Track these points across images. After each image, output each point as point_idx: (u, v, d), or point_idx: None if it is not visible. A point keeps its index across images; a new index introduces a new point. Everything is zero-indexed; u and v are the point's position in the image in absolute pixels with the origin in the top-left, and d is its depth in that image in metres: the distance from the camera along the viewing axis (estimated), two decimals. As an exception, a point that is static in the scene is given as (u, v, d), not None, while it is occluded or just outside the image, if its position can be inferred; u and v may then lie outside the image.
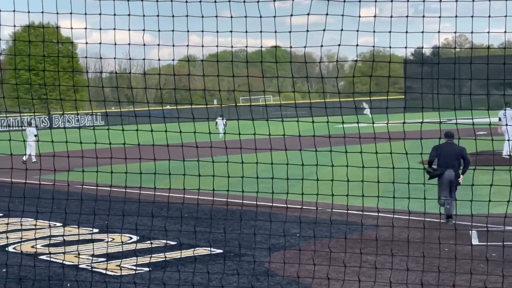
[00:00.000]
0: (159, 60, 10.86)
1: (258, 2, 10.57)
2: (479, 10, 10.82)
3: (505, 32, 11.10)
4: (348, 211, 14.79)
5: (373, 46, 10.79)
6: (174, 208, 17.96)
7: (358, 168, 11.23)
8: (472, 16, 10.65)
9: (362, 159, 10.91)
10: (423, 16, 10.72)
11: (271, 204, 12.34)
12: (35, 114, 70.96)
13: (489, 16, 10.56)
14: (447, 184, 17.74)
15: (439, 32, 10.83)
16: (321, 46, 10.46)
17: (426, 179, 15.92)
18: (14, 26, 10.35)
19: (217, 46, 10.67)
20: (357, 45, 10.64)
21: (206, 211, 18.10)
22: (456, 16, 10.62)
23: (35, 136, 36.63)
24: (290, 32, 10.55)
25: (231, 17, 10.67)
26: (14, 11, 11.22)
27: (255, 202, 11.73)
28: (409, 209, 11.22)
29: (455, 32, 10.64)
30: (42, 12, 11.04)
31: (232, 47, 10.52)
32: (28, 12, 10.92)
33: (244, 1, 10.63)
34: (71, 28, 11.04)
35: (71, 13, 11.04)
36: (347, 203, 13.14)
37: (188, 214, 19.13)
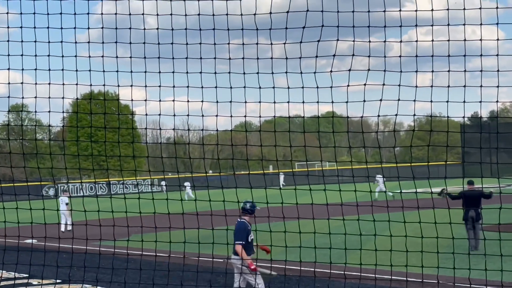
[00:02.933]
0: (217, 130, 11.02)
1: (315, 73, 10.73)
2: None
3: None
4: (408, 279, 14.61)
5: (431, 116, 10.80)
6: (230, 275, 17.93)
7: (417, 234, 11.14)
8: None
9: (420, 227, 10.85)
10: (481, 86, 10.71)
11: (329, 270, 12.27)
12: (96, 180, 72.02)
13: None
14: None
15: (497, 101, 10.82)
16: (378, 116, 10.51)
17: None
18: (77, 98, 10.64)
19: (274, 116, 10.81)
20: (414, 114, 10.68)
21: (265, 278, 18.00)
22: (513, 84, 10.59)
23: (66, 204, 36.55)
24: (347, 102, 10.64)
25: (288, 87, 10.84)
26: (76, 84, 11.58)
27: (313, 269, 11.67)
28: (469, 279, 11.05)
29: (513, 100, 10.57)
30: (104, 85, 11.36)
31: (289, 117, 10.65)
32: (90, 85, 11.27)
33: (301, 72, 10.79)
34: (131, 100, 11.32)
35: (131, 86, 11.33)
36: (406, 270, 13.00)
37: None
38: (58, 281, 18.66)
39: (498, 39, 11.05)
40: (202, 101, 11.51)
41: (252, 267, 13.09)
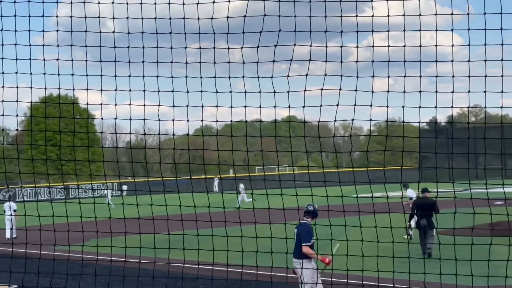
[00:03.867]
0: (173, 135, 10.96)
1: (272, 77, 10.72)
2: (493, 81, 10.95)
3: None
4: (364, 282, 14.66)
5: (387, 121, 10.87)
6: (189, 280, 17.86)
7: (373, 238, 11.19)
8: (485, 91, 10.75)
9: (376, 231, 10.88)
10: (436, 92, 10.81)
11: (286, 274, 12.25)
12: (51, 185, 71.21)
13: (502, 92, 10.66)
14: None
15: (452, 106, 10.92)
16: (335, 120, 10.56)
17: None
18: (31, 102, 10.52)
19: (231, 121, 10.78)
20: (370, 119, 10.73)
21: (222, 282, 17.97)
22: (468, 92, 10.71)
23: (14, 211, 36.02)
24: (303, 107, 10.66)
25: (245, 92, 10.83)
26: (31, 87, 11.44)
27: (270, 273, 11.65)
28: (424, 283, 11.11)
29: (468, 107, 10.71)
30: (59, 88, 11.24)
31: (246, 122, 10.63)
32: (45, 88, 11.14)
33: (258, 77, 10.79)
34: (87, 104, 11.22)
35: (87, 89, 11.22)
36: (362, 274, 13.04)
37: (203, 286, 19.00)
38: (14, 286, 18.40)
39: (453, 45, 11.17)
40: (159, 105, 11.44)
41: (327, 261, 13.28)
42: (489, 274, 11.62)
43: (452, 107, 11.11)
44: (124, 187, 66.15)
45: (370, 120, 11.00)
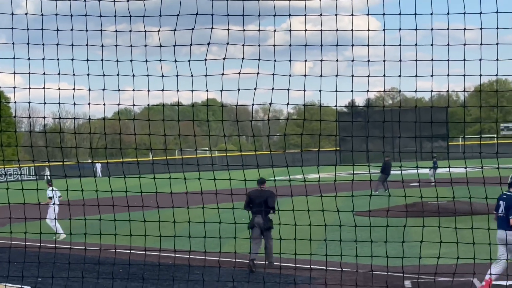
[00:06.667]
0: (89, 119, 10.81)
1: (189, 61, 10.66)
2: (408, 65, 11.15)
3: (431, 91, 11.42)
4: (281, 264, 14.81)
5: (304, 105, 10.95)
6: (107, 265, 17.71)
7: (292, 219, 11.28)
8: (399, 75, 10.93)
9: (294, 214, 10.98)
10: (352, 76, 10.95)
11: (204, 257, 12.25)
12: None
13: (416, 76, 10.86)
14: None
15: (368, 90, 11.08)
16: (253, 104, 10.58)
17: None
18: None
19: (148, 105, 10.70)
20: (288, 103, 10.79)
21: (140, 266, 17.87)
22: (384, 75, 10.87)
23: None
24: (221, 90, 10.65)
25: (162, 76, 10.75)
26: None
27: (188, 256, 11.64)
28: (341, 264, 11.29)
29: (384, 91, 10.87)
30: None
31: (163, 105, 10.56)
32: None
33: (176, 60, 10.72)
34: (-1, 86, 10.95)
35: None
36: (280, 257, 13.17)
37: (123, 270, 18.86)
38: None
39: (369, 30, 11.30)
40: (74, 89, 11.26)
41: None
42: (404, 254, 11.87)
43: (368, 90, 11.27)
44: (47, 172, 65.33)
45: (288, 104, 11.06)
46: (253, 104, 10.88)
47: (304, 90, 10.95)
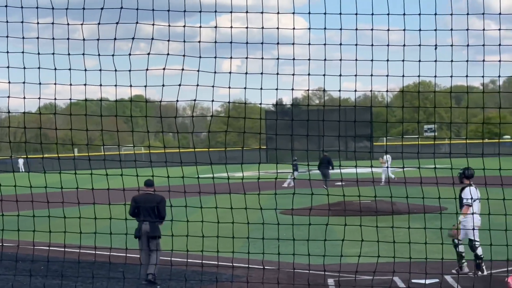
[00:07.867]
0: (8, 112, 10.59)
1: (113, 55, 10.54)
2: (334, 65, 11.26)
3: (355, 90, 11.54)
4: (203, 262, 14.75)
5: (229, 102, 10.95)
6: (27, 262, 17.36)
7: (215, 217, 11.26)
8: (324, 75, 11.02)
9: (216, 212, 10.96)
10: (277, 74, 10.99)
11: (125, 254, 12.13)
12: None
13: (340, 75, 10.96)
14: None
15: (292, 89, 11.14)
16: (177, 101, 10.54)
17: None
18: None
19: (70, 99, 10.55)
20: (212, 100, 10.77)
21: (59, 264, 17.57)
22: (308, 74, 10.95)
23: None
24: (145, 86, 10.57)
25: (85, 70, 10.62)
26: None
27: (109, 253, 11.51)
28: (263, 262, 11.30)
29: (308, 90, 10.96)
30: None
31: (85, 100, 10.42)
32: None
33: (99, 55, 10.59)
34: None
35: None
36: (202, 254, 13.11)
37: (44, 267, 18.52)
38: None
39: (294, 28, 11.35)
40: (9, 83, 11.13)
41: None
42: (326, 253, 11.95)
43: (292, 89, 11.34)
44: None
45: (212, 101, 11.05)
46: (177, 101, 10.84)
47: (229, 88, 10.96)
